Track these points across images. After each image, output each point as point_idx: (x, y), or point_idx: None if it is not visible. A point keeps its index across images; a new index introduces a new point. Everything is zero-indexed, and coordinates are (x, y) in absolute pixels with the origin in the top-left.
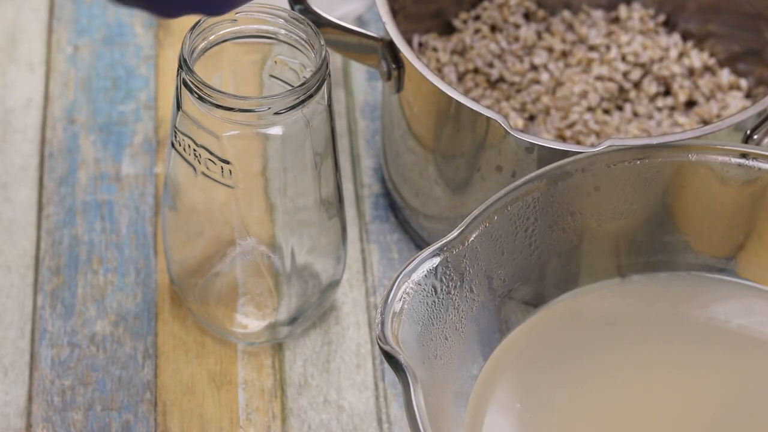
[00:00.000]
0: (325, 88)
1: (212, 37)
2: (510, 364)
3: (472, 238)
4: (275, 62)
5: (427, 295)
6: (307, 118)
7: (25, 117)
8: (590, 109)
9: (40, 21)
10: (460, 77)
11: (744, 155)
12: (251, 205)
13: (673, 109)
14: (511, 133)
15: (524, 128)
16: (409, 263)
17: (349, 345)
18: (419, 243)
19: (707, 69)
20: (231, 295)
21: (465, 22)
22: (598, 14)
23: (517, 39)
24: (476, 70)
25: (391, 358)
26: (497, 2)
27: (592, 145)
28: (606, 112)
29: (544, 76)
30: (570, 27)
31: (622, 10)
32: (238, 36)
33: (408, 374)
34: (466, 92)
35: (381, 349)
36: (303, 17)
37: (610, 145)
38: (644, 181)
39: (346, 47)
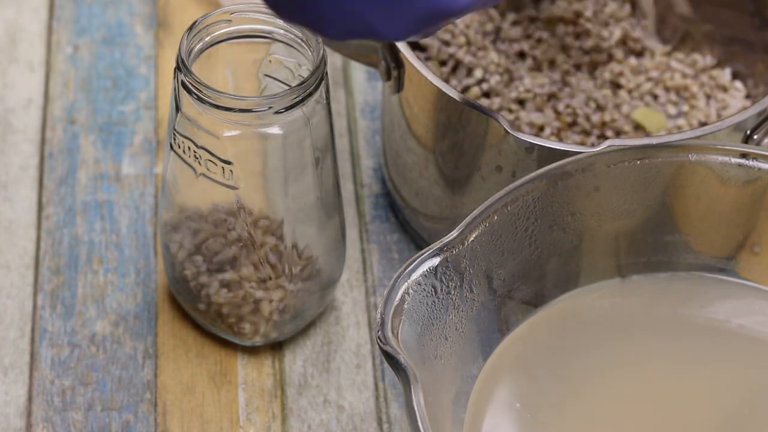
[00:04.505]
0: (323, 86)
1: (208, 38)
2: (510, 364)
3: (472, 238)
4: (270, 61)
5: (427, 295)
6: (307, 117)
7: (25, 117)
8: (590, 107)
9: (40, 21)
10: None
11: (744, 155)
12: (252, 205)
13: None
14: (511, 133)
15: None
16: (409, 263)
17: (349, 345)
18: (419, 243)
19: (707, 69)
20: (230, 295)
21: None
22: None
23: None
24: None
25: (391, 358)
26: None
27: (592, 145)
28: (605, 110)
29: (544, 78)
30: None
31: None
32: (234, 36)
33: (408, 374)
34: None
35: (381, 349)
36: None
37: (610, 145)
38: (644, 181)
39: (346, 47)
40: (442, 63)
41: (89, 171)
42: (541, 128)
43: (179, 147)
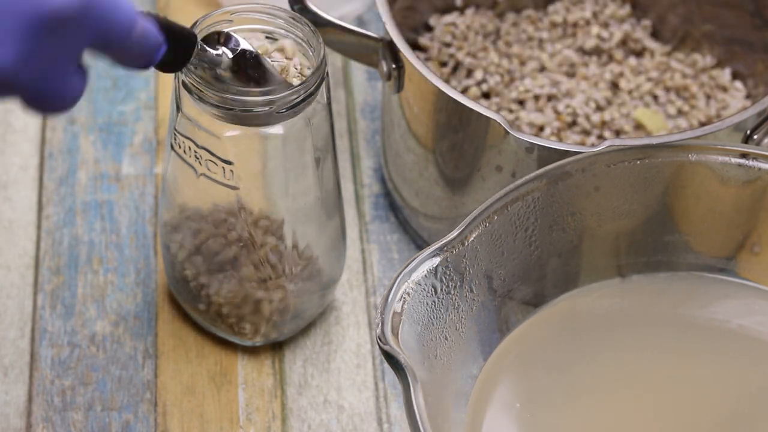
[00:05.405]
0: (324, 86)
1: None
2: (510, 364)
3: (472, 238)
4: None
5: (427, 295)
6: (308, 117)
7: (25, 117)
8: (590, 107)
9: None
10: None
11: (744, 155)
12: (252, 205)
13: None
14: (511, 133)
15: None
16: (409, 263)
17: (349, 345)
18: (419, 243)
19: (707, 69)
20: (230, 295)
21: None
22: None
23: (508, 44)
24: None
25: (391, 358)
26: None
27: (592, 145)
28: (605, 110)
29: (544, 79)
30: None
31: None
32: None
33: (408, 374)
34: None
35: (381, 349)
36: (300, 16)
37: (610, 145)
38: (644, 181)
39: (346, 47)
40: (443, 64)
41: (89, 171)
42: (541, 128)
43: (180, 147)
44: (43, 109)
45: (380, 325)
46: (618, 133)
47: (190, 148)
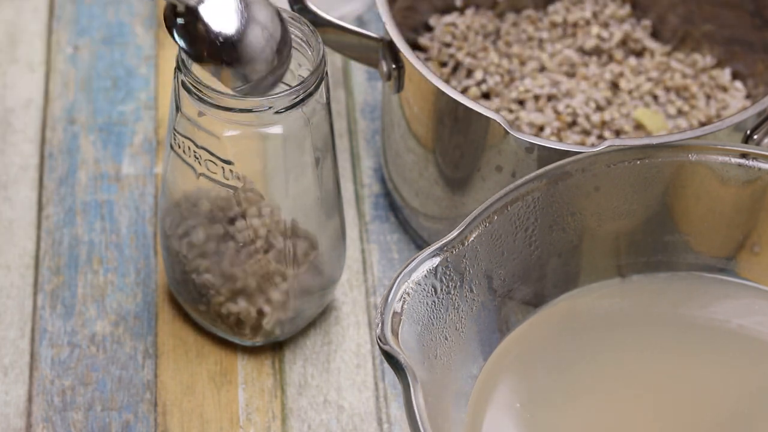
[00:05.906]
0: (323, 86)
1: None
2: (510, 364)
3: (472, 238)
4: None
5: (427, 295)
6: (307, 117)
7: (25, 117)
8: (590, 107)
9: (40, 21)
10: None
11: (744, 155)
12: (252, 206)
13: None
14: (511, 133)
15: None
16: (409, 263)
17: (349, 345)
18: (419, 243)
19: (707, 69)
20: (230, 295)
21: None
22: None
23: (508, 44)
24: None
25: (391, 358)
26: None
27: (592, 145)
28: (605, 110)
29: (544, 79)
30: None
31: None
32: None
33: (408, 374)
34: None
35: (381, 349)
36: (300, 16)
37: (610, 145)
38: (644, 181)
39: (346, 47)
40: (443, 64)
41: (89, 171)
42: (541, 128)
43: (179, 147)
44: None
45: (380, 325)
46: (618, 133)
47: (189, 148)
